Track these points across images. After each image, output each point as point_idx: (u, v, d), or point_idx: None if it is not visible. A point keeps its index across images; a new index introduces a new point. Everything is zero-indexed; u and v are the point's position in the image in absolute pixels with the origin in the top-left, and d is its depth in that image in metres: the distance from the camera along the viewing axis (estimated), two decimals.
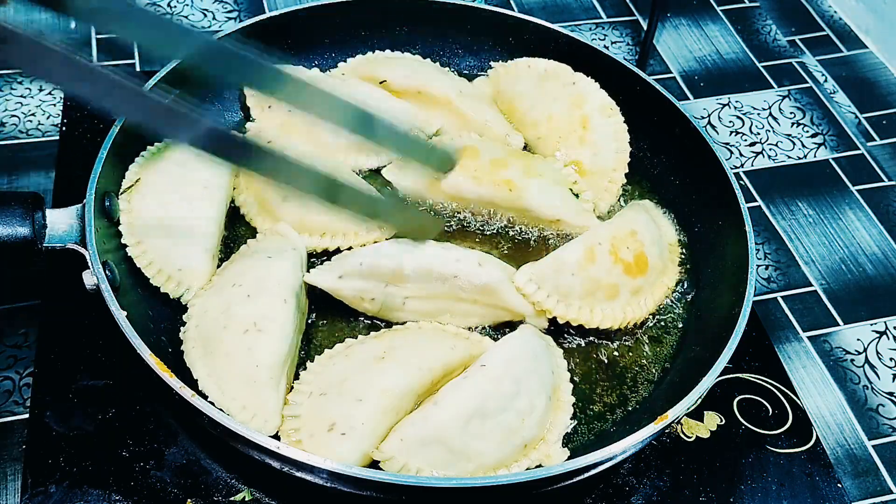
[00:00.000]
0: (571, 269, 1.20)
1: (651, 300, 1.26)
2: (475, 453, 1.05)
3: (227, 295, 1.13)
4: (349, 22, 1.50)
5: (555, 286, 1.19)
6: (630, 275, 1.22)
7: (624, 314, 1.22)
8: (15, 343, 1.24)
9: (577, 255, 1.20)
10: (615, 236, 1.23)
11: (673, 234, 1.36)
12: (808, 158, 1.64)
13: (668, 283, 1.29)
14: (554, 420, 1.12)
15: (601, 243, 1.22)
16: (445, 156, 1.20)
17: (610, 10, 1.88)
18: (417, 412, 1.07)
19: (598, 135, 1.38)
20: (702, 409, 1.24)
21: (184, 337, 1.13)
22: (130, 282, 1.16)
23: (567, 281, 1.19)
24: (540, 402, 1.10)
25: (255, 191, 1.29)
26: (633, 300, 1.23)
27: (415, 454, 1.03)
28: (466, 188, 1.29)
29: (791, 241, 1.51)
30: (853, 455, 1.26)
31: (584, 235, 1.24)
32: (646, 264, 1.24)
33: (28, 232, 1.08)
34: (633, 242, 1.24)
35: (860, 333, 1.40)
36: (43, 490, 1.07)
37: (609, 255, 1.21)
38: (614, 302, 1.22)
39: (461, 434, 1.04)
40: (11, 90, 1.56)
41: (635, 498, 1.15)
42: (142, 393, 1.16)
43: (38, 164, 1.44)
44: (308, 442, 1.04)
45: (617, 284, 1.21)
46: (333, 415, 1.05)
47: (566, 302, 1.20)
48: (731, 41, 1.85)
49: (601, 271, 1.21)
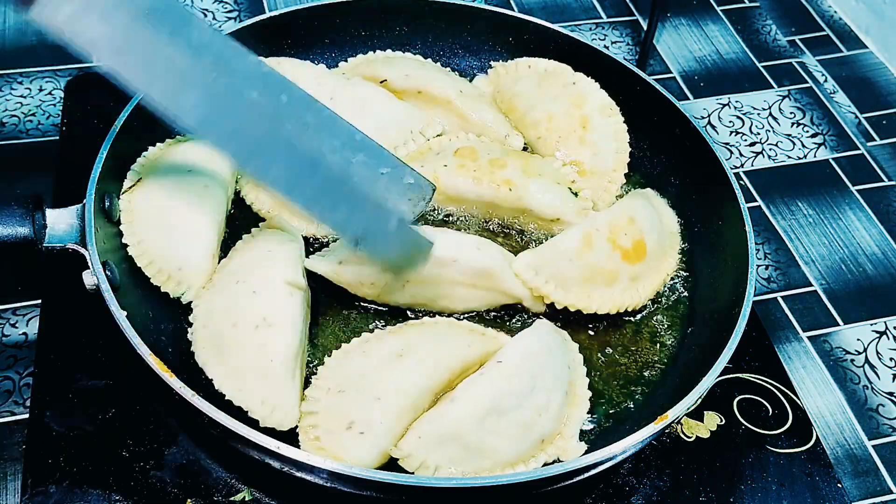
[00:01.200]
0: (569, 256, 1.21)
1: (650, 286, 1.26)
2: (491, 450, 1.05)
3: (231, 292, 1.14)
4: (349, 22, 1.51)
5: (553, 272, 1.21)
6: (628, 261, 1.23)
7: (622, 299, 1.23)
8: (15, 343, 1.25)
9: (575, 242, 1.21)
10: (613, 223, 1.24)
11: (674, 222, 1.36)
12: (808, 158, 1.64)
13: (667, 269, 1.29)
14: (570, 415, 1.12)
15: (599, 230, 1.23)
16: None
17: (610, 10, 1.88)
18: (435, 409, 1.08)
19: (598, 135, 1.39)
20: (702, 409, 1.24)
21: (192, 338, 1.13)
22: (130, 282, 1.16)
23: (565, 267, 1.21)
24: (556, 398, 1.10)
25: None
26: (631, 286, 1.24)
27: (433, 451, 1.04)
28: (466, 188, 1.29)
29: (791, 241, 1.51)
30: (853, 455, 1.26)
31: (581, 223, 1.25)
32: (644, 251, 1.25)
33: (28, 232, 1.08)
34: (631, 229, 1.25)
35: (860, 333, 1.40)
36: (43, 490, 1.07)
37: (607, 242, 1.22)
38: (612, 288, 1.23)
39: (477, 431, 1.05)
40: (11, 90, 1.56)
41: (635, 498, 1.15)
42: (142, 393, 1.16)
43: (38, 164, 1.44)
44: (326, 439, 1.04)
45: (615, 270, 1.22)
46: (352, 413, 1.05)
47: (564, 288, 1.21)
48: (731, 41, 1.85)
49: (599, 257, 1.22)
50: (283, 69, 1.40)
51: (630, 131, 1.40)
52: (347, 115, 1.35)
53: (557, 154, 1.38)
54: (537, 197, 1.28)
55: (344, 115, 1.34)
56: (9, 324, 1.26)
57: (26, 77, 1.58)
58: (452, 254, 1.18)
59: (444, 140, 1.38)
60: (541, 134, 1.40)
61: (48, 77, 1.58)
